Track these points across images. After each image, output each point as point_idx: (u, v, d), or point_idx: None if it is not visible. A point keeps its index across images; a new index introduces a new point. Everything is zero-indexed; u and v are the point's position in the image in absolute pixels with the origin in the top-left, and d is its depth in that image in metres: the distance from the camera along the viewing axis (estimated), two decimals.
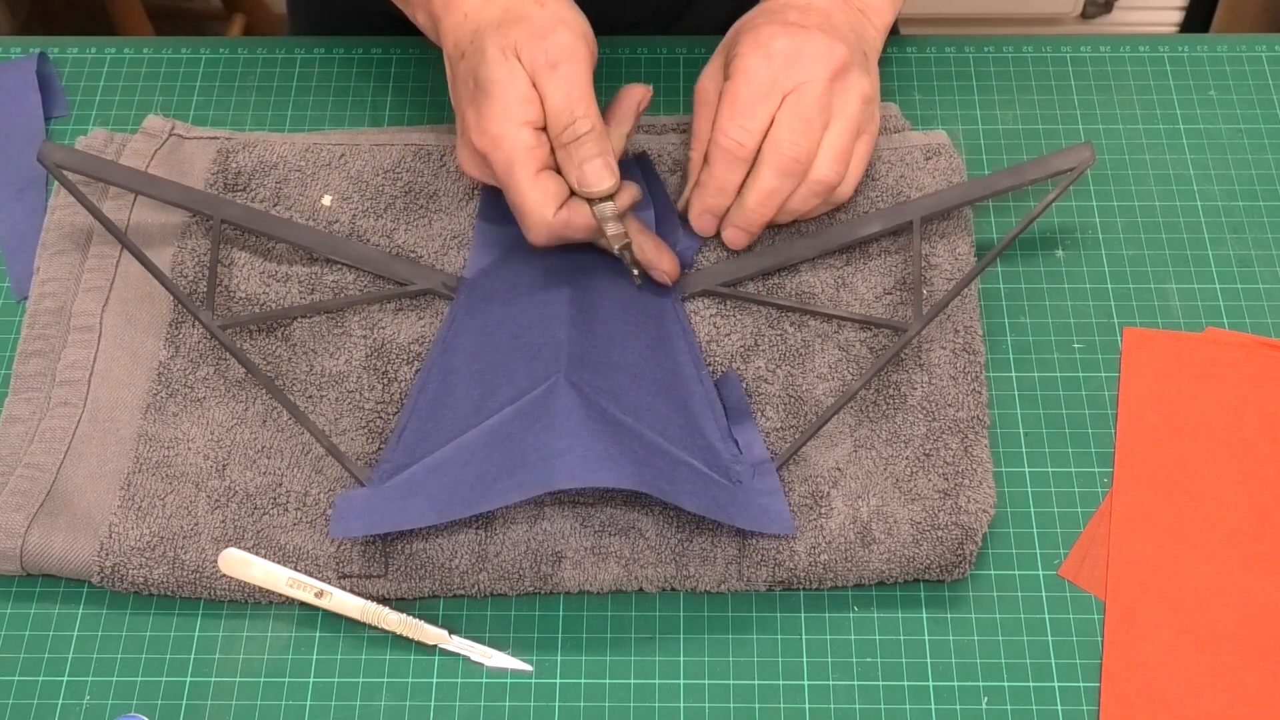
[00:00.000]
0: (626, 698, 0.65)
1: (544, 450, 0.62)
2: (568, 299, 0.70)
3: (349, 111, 0.85)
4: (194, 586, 0.67)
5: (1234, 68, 0.86)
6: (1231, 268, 0.78)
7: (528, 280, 0.73)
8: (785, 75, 0.71)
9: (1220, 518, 0.69)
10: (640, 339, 0.71)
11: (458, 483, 0.64)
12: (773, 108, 0.71)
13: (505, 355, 0.69)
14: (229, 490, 0.69)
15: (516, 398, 0.66)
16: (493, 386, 0.68)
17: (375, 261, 0.75)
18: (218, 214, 0.74)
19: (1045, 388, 0.74)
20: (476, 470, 0.64)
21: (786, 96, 0.71)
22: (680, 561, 0.67)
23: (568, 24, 0.67)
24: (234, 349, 0.70)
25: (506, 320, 0.71)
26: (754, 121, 0.71)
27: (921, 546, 0.67)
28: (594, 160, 0.67)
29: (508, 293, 0.73)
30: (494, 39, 0.67)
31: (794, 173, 0.71)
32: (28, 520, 0.67)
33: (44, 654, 0.67)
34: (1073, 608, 0.67)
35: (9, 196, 0.81)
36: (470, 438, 0.66)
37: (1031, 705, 0.64)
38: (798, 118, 0.70)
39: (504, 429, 0.65)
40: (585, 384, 0.66)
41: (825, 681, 0.65)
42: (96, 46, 0.88)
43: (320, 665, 0.66)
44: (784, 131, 0.70)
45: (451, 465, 0.65)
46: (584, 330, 0.69)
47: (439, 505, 0.64)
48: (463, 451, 0.66)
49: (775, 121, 0.71)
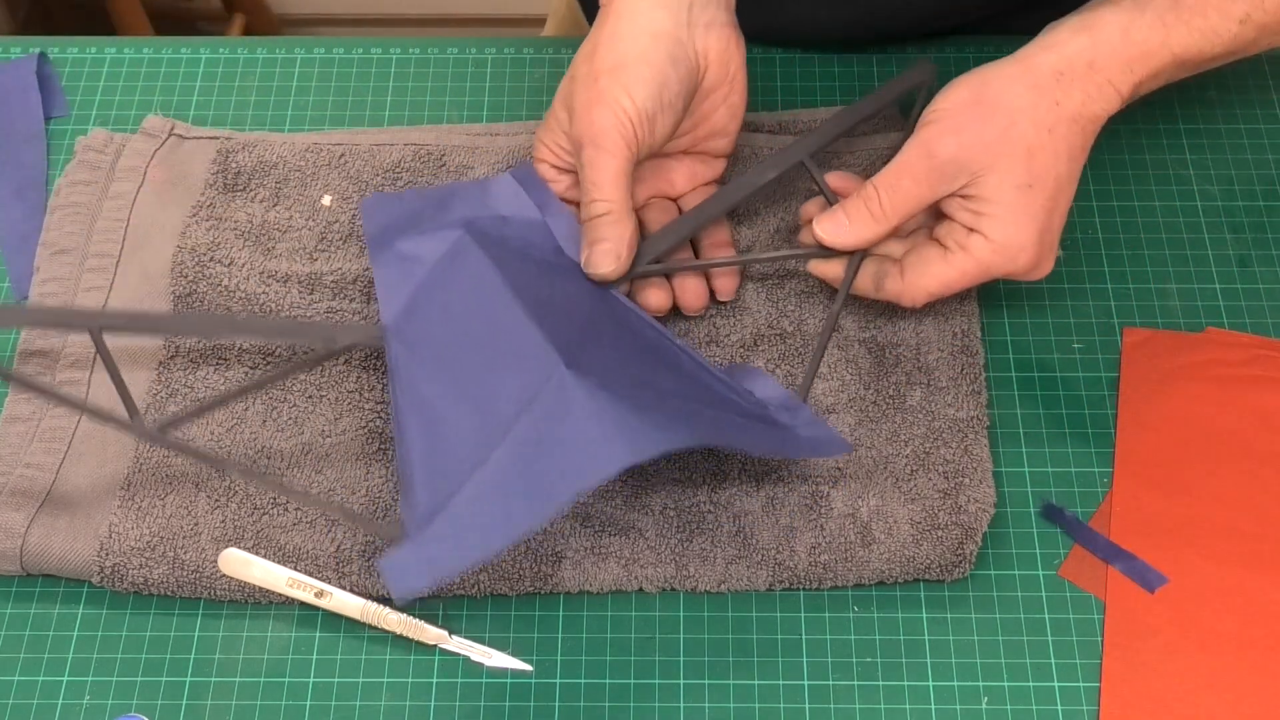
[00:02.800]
0: (626, 698, 0.65)
1: (589, 440, 0.59)
2: (518, 303, 0.66)
3: (349, 111, 0.85)
4: (194, 586, 0.67)
5: (1234, 68, 0.86)
6: (1231, 268, 0.78)
7: (461, 302, 0.68)
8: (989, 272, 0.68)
9: (1220, 518, 0.69)
10: (605, 323, 0.69)
11: (511, 503, 0.60)
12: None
13: (485, 373, 0.65)
14: (229, 490, 0.69)
15: (524, 408, 0.62)
16: (489, 408, 0.64)
17: (287, 331, 0.72)
18: (94, 325, 0.64)
19: (1045, 388, 0.74)
20: (525, 485, 0.60)
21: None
22: (680, 561, 0.67)
23: (608, 104, 0.66)
24: (191, 450, 0.66)
25: (462, 343, 0.67)
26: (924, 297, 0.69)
27: (922, 546, 0.67)
28: (601, 244, 0.68)
29: (444, 320, 0.68)
30: (575, 85, 0.68)
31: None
32: (28, 520, 0.67)
33: (44, 654, 0.67)
34: (1073, 608, 0.67)
35: (9, 196, 0.81)
36: (500, 457, 0.61)
37: (1031, 705, 0.64)
38: None
39: (532, 436, 0.61)
40: (589, 370, 0.63)
41: (825, 681, 0.65)
42: (96, 46, 0.88)
43: (320, 665, 0.66)
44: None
45: (493, 490, 0.61)
46: (552, 327, 0.66)
47: (501, 527, 0.59)
48: (499, 471, 0.61)
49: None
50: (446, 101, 0.85)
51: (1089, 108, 0.66)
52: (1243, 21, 0.66)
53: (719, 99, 0.71)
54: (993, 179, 0.66)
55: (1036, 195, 0.66)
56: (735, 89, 0.71)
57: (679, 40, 0.67)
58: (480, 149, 0.80)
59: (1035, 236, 0.66)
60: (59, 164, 0.82)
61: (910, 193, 0.67)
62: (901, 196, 0.67)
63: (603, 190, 0.67)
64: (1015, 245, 0.66)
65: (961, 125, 0.66)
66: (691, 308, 0.73)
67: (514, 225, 0.72)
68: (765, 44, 0.87)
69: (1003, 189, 0.66)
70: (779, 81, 0.85)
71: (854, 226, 0.68)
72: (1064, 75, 0.66)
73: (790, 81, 0.85)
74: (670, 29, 0.67)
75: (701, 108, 0.71)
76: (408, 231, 0.72)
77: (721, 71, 0.70)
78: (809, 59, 0.86)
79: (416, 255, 0.71)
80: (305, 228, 0.77)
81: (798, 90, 0.85)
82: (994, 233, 0.66)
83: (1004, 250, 0.67)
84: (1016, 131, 0.65)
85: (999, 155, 0.66)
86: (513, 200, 0.73)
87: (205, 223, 0.77)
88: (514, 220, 0.72)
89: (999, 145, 0.66)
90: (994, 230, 0.66)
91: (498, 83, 0.86)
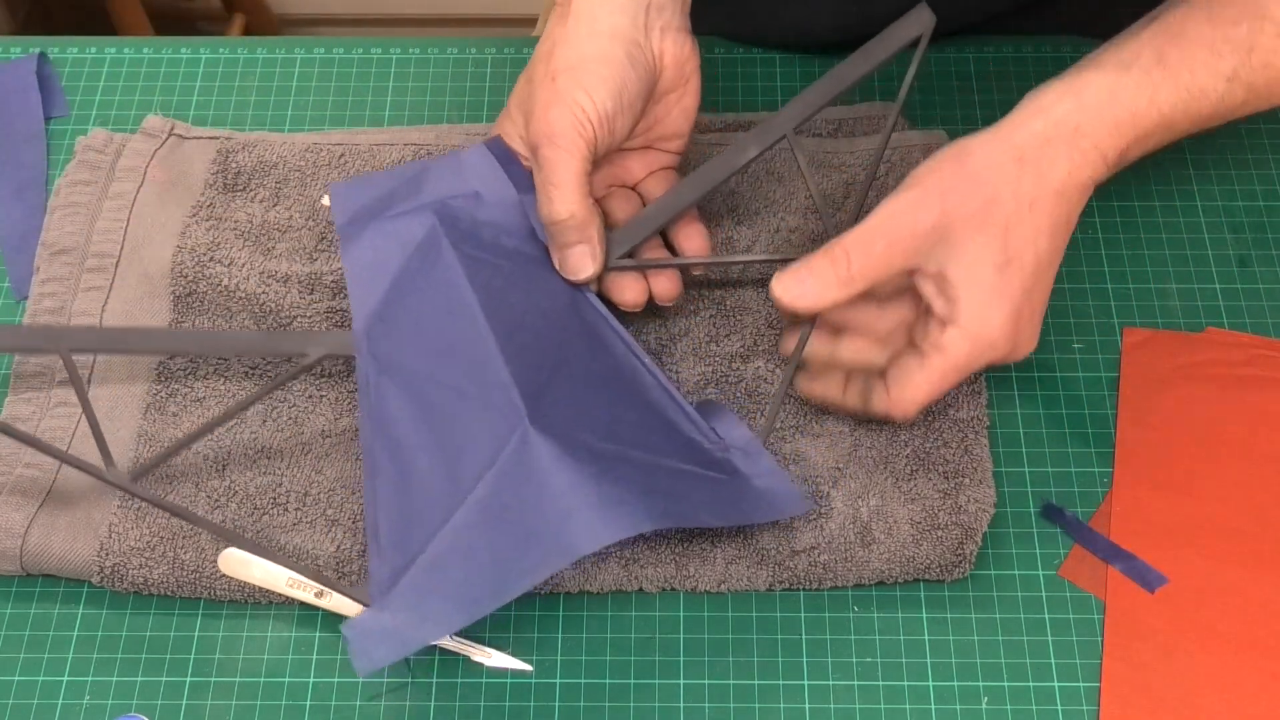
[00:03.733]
0: (626, 698, 0.65)
1: (549, 515, 0.60)
2: (489, 329, 0.65)
3: (349, 111, 0.85)
4: (194, 586, 0.67)
5: None
6: (1231, 268, 0.78)
7: (431, 315, 0.68)
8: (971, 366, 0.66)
9: (1220, 518, 0.69)
10: (575, 344, 0.68)
11: (471, 574, 0.61)
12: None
13: (452, 414, 0.65)
14: (229, 490, 0.69)
15: (490, 461, 0.62)
16: (455, 454, 0.64)
17: (258, 345, 0.71)
18: (61, 346, 0.62)
19: (1045, 388, 0.74)
20: (486, 555, 0.61)
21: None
22: (680, 561, 0.67)
23: (566, 104, 0.65)
24: (166, 504, 0.64)
25: (432, 369, 0.66)
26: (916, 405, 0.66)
27: (922, 546, 0.67)
28: (574, 249, 0.67)
29: (415, 336, 0.67)
30: (532, 84, 0.68)
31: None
32: (28, 520, 0.67)
33: (44, 654, 0.66)
34: (1073, 608, 0.67)
35: (9, 196, 0.81)
36: (461, 520, 0.62)
37: (1031, 705, 0.64)
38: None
39: (494, 502, 0.62)
40: (552, 423, 0.63)
41: (825, 681, 0.65)
42: (96, 46, 0.88)
43: (320, 665, 0.66)
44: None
45: (455, 557, 0.61)
46: (521, 359, 0.65)
47: (462, 605, 0.60)
48: (460, 537, 0.62)
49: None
50: (446, 101, 0.85)
51: (1075, 176, 0.63)
52: (1230, 79, 0.63)
53: (673, 101, 0.71)
54: (968, 257, 0.63)
55: (1013, 275, 0.63)
56: (689, 92, 0.70)
57: (636, 42, 0.66)
58: None
59: (1009, 320, 0.63)
60: (59, 164, 0.82)
61: (883, 258, 0.63)
62: (874, 261, 0.64)
63: (563, 191, 0.65)
64: (989, 333, 0.64)
65: (945, 193, 0.63)
66: (665, 298, 0.71)
67: (487, 205, 0.71)
68: (765, 47, 0.87)
69: (977, 269, 0.63)
70: (778, 82, 0.85)
71: (818, 288, 0.64)
72: (1050, 141, 0.63)
73: (788, 82, 0.85)
74: (628, 31, 0.66)
75: (655, 110, 0.71)
76: (379, 215, 0.71)
77: (677, 74, 0.69)
78: (808, 60, 0.86)
79: (388, 245, 0.70)
80: (305, 228, 0.77)
81: (798, 90, 0.85)
82: (967, 320, 0.63)
83: (979, 340, 0.64)
84: (996, 206, 0.63)
85: (977, 230, 0.63)
86: (488, 175, 0.72)
87: (205, 223, 0.77)
88: (487, 199, 0.71)
89: (978, 219, 0.63)
90: (967, 318, 0.63)
91: (498, 83, 0.86)
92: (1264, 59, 0.64)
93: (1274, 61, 0.64)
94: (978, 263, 0.63)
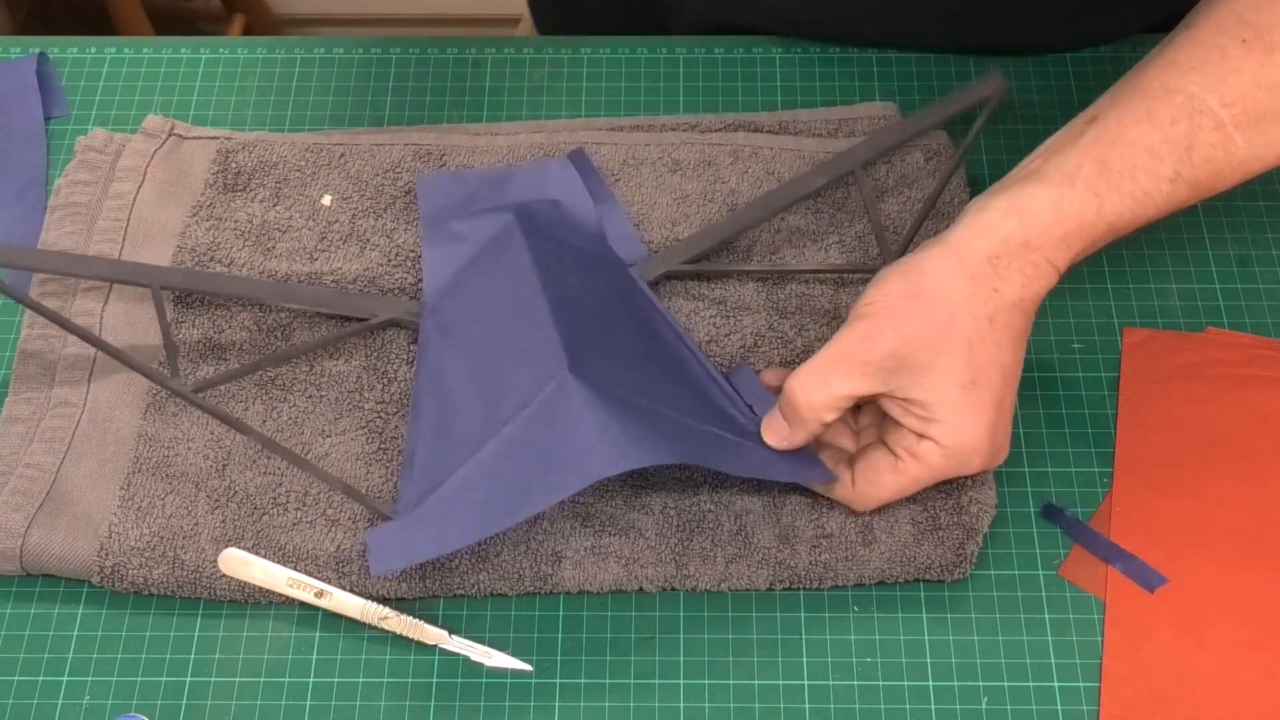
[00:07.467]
0: (626, 698, 0.65)
1: (574, 446, 0.62)
2: (544, 299, 0.69)
3: (349, 111, 0.85)
4: (194, 586, 0.67)
5: None
6: (1231, 268, 0.78)
7: (496, 290, 0.72)
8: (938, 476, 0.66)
9: (1220, 518, 0.69)
10: (624, 324, 0.71)
11: (492, 496, 0.63)
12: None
13: (499, 365, 0.68)
14: (229, 490, 0.69)
15: (525, 404, 0.65)
16: (496, 399, 0.67)
17: (332, 301, 0.73)
18: (155, 283, 0.69)
19: (1045, 388, 0.74)
20: (508, 480, 0.63)
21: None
22: (680, 561, 0.67)
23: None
24: (216, 411, 0.68)
25: (488, 332, 0.70)
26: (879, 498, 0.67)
27: (923, 546, 0.67)
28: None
29: (477, 306, 0.72)
30: None
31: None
32: (28, 520, 0.67)
33: (44, 654, 0.67)
34: (1073, 608, 0.67)
35: (9, 196, 0.81)
36: (490, 451, 0.65)
37: (1031, 705, 0.64)
38: None
39: (523, 435, 0.64)
40: (592, 376, 0.65)
41: (825, 681, 0.65)
42: (96, 46, 0.88)
43: (320, 665, 0.66)
44: None
45: (479, 481, 0.64)
46: (571, 325, 0.68)
47: (478, 521, 0.62)
48: (486, 465, 0.64)
49: None
50: (446, 101, 0.85)
51: (1029, 288, 0.63)
52: (1173, 180, 0.63)
53: None
54: (934, 379, 0.63)
55: (983, 392, 0.63)
56: None
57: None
58: (480, 149, 0.80)
59: (986, 435, 0.64)
60: (59, 164, 0.82)
61: (840, 390, 0.64)
62: (830, 395, 0.64)
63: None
64: (968, 449, 0.64)
65: (900, 319, 0.63)
66: None
67: (564, 212, 0.76)
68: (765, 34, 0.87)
69: (946, 390, 0.63)
70: (779, 81, 0.86)
71: (775, 440, 0.67)
72: (999, 259, 0.63)
73: (790, 81, 0.85)
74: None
75: None
76: (461, 211, 0.76)
77: None
78: (809, 59, 0.86)
79: (466, 235, 0.75)
80: (305, 228, 0.77)
81: (798, 90, 0.85)
82: (945, 438, 0.64)
83: (957, 455, 0.64)
84: (956, 328, 0.62)
85: (939, 353, 0.63)
86: (568, 187, 0.77)
87: (205, 223, 0.77)
88: (565, 206, 0.76)
89: (939, 342, 0.63)
90: (944, 436, 0.63)
91: (498, 83, 0.86)
92: (1204, 154, 0.63)
93: (1214, 155, 0.63)
94: (945, 383, 0.63)
